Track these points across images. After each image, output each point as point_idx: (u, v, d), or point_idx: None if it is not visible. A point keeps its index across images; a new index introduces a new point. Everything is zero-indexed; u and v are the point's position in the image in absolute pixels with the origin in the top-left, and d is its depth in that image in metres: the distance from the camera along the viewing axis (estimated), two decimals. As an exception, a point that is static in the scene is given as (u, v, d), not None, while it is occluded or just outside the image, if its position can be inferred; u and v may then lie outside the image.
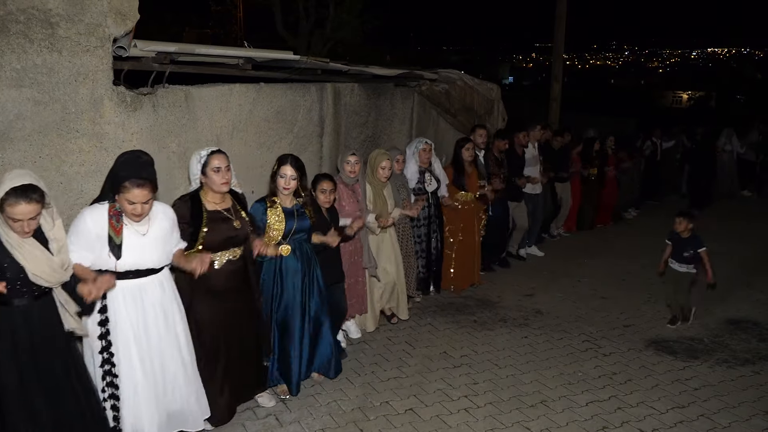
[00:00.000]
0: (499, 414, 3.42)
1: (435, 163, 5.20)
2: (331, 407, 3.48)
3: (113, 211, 2.55)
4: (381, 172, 4.36)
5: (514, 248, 6.53)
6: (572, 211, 7.56)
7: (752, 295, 5.56)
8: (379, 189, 4.41)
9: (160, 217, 2.69)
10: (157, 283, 2.72)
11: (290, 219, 3.35)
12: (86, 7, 2.93)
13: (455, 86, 6.08)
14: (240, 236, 3.02)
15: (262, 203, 3.35)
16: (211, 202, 2.98)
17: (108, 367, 2.61)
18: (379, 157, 4.37)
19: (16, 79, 2.77)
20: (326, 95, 4.65)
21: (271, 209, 3.33)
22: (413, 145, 5.05)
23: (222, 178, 2.92)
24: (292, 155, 3.37)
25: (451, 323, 4.77)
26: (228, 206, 3.03)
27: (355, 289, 4.26)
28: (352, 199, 4.16)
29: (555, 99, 9.63)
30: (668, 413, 3.46)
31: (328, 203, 3.74)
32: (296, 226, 3.37)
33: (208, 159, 2.90)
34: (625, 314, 5.04)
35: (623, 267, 6.36)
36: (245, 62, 3.86)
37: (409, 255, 4.86)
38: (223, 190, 2.97)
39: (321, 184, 3.72)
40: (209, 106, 3.68)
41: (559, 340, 4.48)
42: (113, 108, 3.13)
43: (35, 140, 2.87)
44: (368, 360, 4.09)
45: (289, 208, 3.38)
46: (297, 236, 3.40)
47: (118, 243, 2.53)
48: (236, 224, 3.00)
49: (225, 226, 2.96)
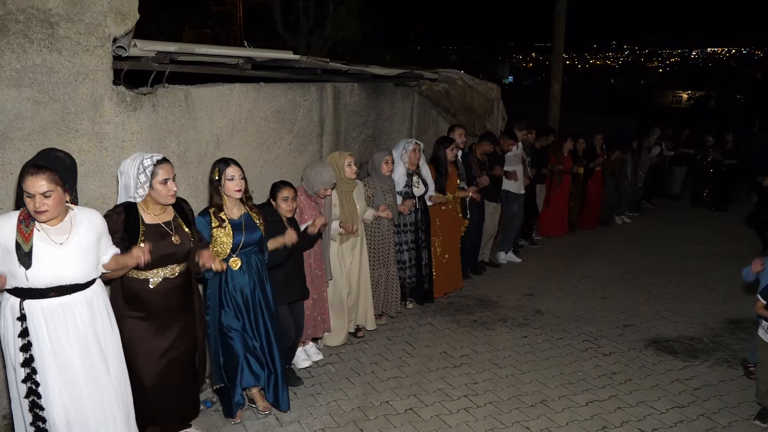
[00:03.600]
0: (499, 414, 3.42)
1: (423, 165, 4.97)
2: (331, 407, 3.48)
3: (23, 215, 2.32)
4: (348, 170, 4.08)
5: (486, 255, 6.27)
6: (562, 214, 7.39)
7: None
8: (346, 191, 4.13)
9: (85, 225, 2.41)
10: (84, 301, 2.42)
11: (238, 232, 3.09)
12: (86, 6, 2.92)
13: (455, 86, 6.08)
14: (179, 253, 2.77)
15: (205, 217, 3.06)
16: (150, 214, 2.74)
17: (33, 398, 2.34)
18: (342, 156, 4.12)
19: (15, 79, 2.77)
20: (326, 95, 4.65)
21: (215, 223, 3.05)
22: (401, 146, 4.80)
23: (170, 190, 2.71)
24: (229, 157, 3.17)
25: (451, 323, 4.77)
26: (169, 219, 2.79)
27: (318, 304, 4.00)
28: (314, 212, 3.87)
29: (555, 99, 9.62)
30: (668, 413, 3.46)
31: (291, 212, 3.48)
32: (245, 239, 3.10)
33: (154, 170, 2.68)
34: (625, 314, 5.04)
35: (623, 267, 6.36)
36: (245, 62, 3.85)
37: (389, 262, 4.60)
38: (170, 202, 2.76)
39: (282, 192, 3.47)
40: (209, 106, 3.68)
41: (559, 340, 4.48)
42: (113, 108, 3.12)
43: (35, 140, 2.87)
44: (368, 360, 4.09)
45: (237, 219, 3.12)
46: (246, 249, 3.14)
47: (26, 250, 2.26)
48: (175, 239, 2.75)
49: (163, 242, 2.71)
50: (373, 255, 4.51)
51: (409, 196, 4.74)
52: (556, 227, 7.50)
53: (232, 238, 3.06)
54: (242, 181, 3.09)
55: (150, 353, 2.79)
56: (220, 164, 3.09)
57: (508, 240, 6.50)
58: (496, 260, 6.37)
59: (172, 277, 2.78)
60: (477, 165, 5.62)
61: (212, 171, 3.11)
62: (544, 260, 6.59)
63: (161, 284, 2.75)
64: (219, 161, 3.12)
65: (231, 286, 3.13)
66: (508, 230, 6.44)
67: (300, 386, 3.69)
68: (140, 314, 2.75)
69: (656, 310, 5.11)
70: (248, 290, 3.17)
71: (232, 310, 3.15)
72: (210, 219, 3.05)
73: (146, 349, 2.78)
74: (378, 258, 4.55)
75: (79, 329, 2.41)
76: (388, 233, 4.59)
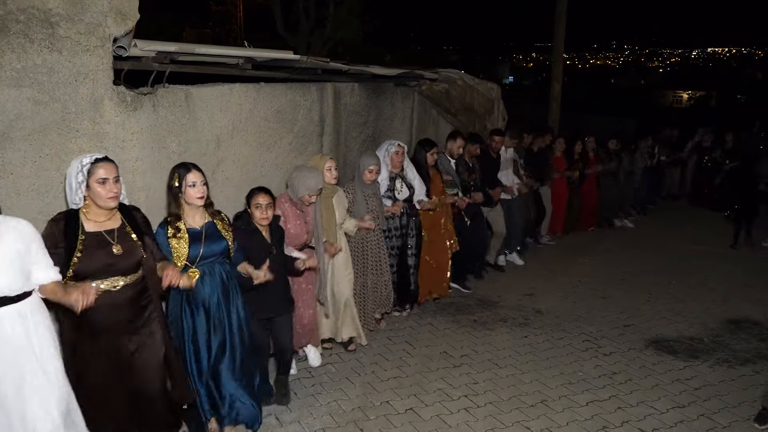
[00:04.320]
0: (499, 414, 3.42)
1: (408, 167, 4.68)
2: (331, 407, 3.48)
3: None
4: (328, 175, 3.82)
5: (492, 257, 6.10)
6: (557, 214, 7.28)
7: (752, 294, 5.56)
8: (325, 197, 3.84)
9: (11, 235, 2.23)
10: (16, 315, 2.24)
11: (196, 242, 2.81)
12: (86, 6, 2.93)
13: (455, 86, 6.08)
14: (121, 264, 2.50)
15: (163, 227, 2.81)
16: (92, 221, 2.48)
17: None
18: (322, 159, 3.88)
19: (16, 79, 2.77)
20: (326, 95, 4.65)
21: (171, 232, 2.78)
22: (383, 148, 4.52)
23: (109, 192, 2.44)
24: (189, 162, 2.90)
25: (451, 323, 4.77)
26: (114, 226, 2.54)
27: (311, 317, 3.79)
28: (299, 221, 3.60)
29: (555, 99, 9.63)
30: (668, 413, 3.46)
31: (266, 220, 3.21)
32: (204, 250, 2.82)
33: (91, 168, 2.42)
34: (626, 314, 5.04)
35: (623, 267, 6.36)
36: (245, 62, 3.86)
37: (382, 270, 4.35)
38: (110, 206, 2.49)
39: (255, 198, 3.20)
40: (209, 106, 3.68)
41: (560, 340, 4.48)
42: (113, 108, 3.12)
43: (35, 140, 2.87)
44: (368, 360, 4.09)
45: (198, 229, 2.84)
46: (208, 260, 2.87)
47: None
48: (116, 249, 2.49)
49: (101, 252, 2.45)
50: (365, 262, 4.29)
51: (391, 200, 4.50)
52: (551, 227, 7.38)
53: (189, 248, 2.79)
54: (204, 188, 2.82)
55: (102, 372, 2.53)
56: (180, 169, 2.81)
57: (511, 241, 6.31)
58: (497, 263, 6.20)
59: (115, 290, 2.50)
60: (465, 168, 5.39)
61: (171, 177, 2.82)
62: (545, 260, 6.59)
63: (102, 298, 2.44)
64: (178, 166, 2.85)
65: (192, 299, 2.85)
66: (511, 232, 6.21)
67: (298, 389, 3.67)
68: (87, 332, 2.49)
69: (656, 310, 5.11)
70: (212, 303, 2.88)
71: (190, 325, 2.87)
72: (167, 229, 2.79)
73: (98, 368, 2.52)
74: (364, 265, 4.31)
75: (13, 346, 2.22)
76: (380, 239, 4.35)
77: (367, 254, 4.32)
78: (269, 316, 3.35)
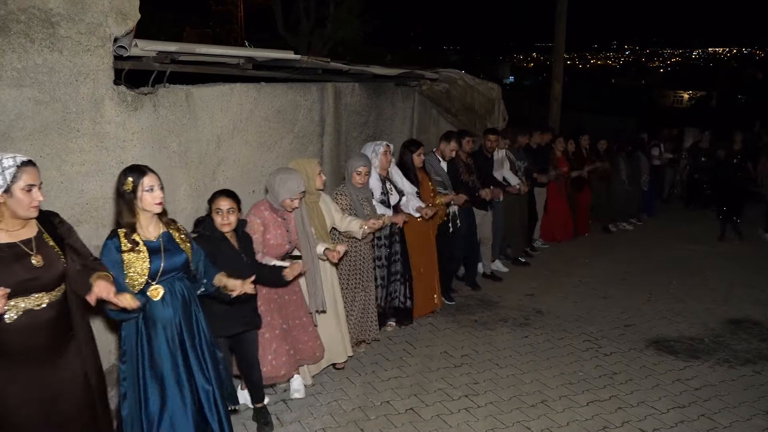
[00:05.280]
0: (499, 414, 3.42)
1: (393, 169, 4.44)
2: (331, 407, 3.48)
3: None
4: (319, 180, 3.57)
5: (488, 267, 5.86)
6: (555, 219, 7.09)
7: (753, 294, 5.55)
8: (313, 202, 3.59)
9: None
10: None
11: (156, 256, 2.44)
12: (87, 6, 2.93)
13: (456, 86, 6.08)
14: (44, 278, 2.18)
15: (113, 239, 2.40)
16: (4, 231, 2.16)
17: None
18: (311, 163, 3.57)
19: (17, 79, 2.77)
20: (327, 95, 4.65)
21: (127, 247, 2.39)
22: (370, 149, 4.24)
23: (33, 201, 2.16)
24: (142, 164, 2.52)
25: (452, 323, 4.77)
26: (30, 236, 2.20)
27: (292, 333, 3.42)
28: (280, 230, 3.29)
29: (556, 99, 9.63)
30: (669, 413, 3.46)
31: (227, 226, 2.92)
32: (165, 265, 2.45)
33: (17, 173, 2.11)
34: (626, 314, 5.03)
35: (624, 267, 6.36)
36: (246, 62, 3.86)
37: (367, 283, 4.04)
38: (32, 216, 2.19)
39: (215, 203, 2.92)
40: (210, 106, 3.68)
41: (560, 340, 4.48)
42: (114, 107, 3.13)
43: (36, 140, 2.87)
44: (369, 359, 4.09)
45: (155, 241, 2.47)
46: (168, 276, 2.50)
47: None
48: (36, 261, 2.16)
49: (19, 265, 2.12)
50: (348, 275, 3.97)
51: (385, 204, 4.21)
52: (560, 232, 7.21)
53: (150, 263, 2.41)
54: (162, 192, 2.46)
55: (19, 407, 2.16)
56: (133, 173, 2.42)
57: (494, 248, 6.04)
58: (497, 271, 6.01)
59: (38, 308, 2.17)
60: (464, 169, 5.19)
61: (121, 181, 2.42)
62: (545, 261, 6.59)
63: (22, 319, 2.12)
64: (131, 169, 2.45)
65: (151, 323, 2.45)
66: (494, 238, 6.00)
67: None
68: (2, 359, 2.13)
69: (657, 310, 5.11)
70: (173, 327, 2.49)
71: (146, 353, 2.45)
72: (119, 242, 2.39)
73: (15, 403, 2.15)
74: (355, 278, 3.99)
75: None
76: (366, 249, 4.02)
77: (357, 267, 4.00)
78: (232, 334, 3.02)
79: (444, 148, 5.06)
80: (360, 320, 4.05)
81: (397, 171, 4.50)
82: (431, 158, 5.03)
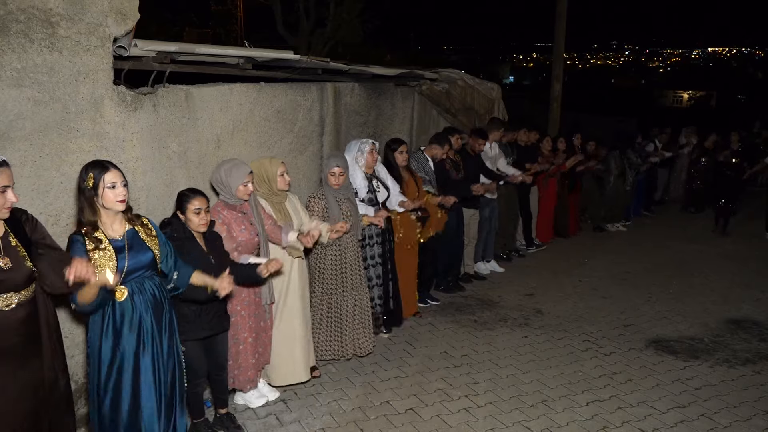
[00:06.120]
0: (499, 414, 3.42)
1: (379, 166, 4.38)
2: (331, 407, 3.48)
3: None
4: (281, 181, 3.48)
5: (470, 267, 5.79)
6: (546, 219, 7.03)
7: (753, 294, 5.56)
8: (278, 203, 3.54)
9: None
10: None
11: (121, 255, 2.35)
12: (87, 6, 2.93)
13: (456, 86, 6.08)
14: (13, 279, 2.16)
15: (78, 237, 2.32)
16: None
17: None
18: (273, 163, 3.48)
19: (16, 79, 2.77)
20: (327, 95, 4.65)
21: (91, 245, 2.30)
22: (354, 148, 4.17)
23: (6, 202, 2.12)
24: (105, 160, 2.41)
25: (452, 323, 4.77)
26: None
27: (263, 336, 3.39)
28: (243, 225, 3.20)
29: (555, 99, 9.65)
30: (669, 413, 3.46)
31: (204, 226, 2.89)
32: (130, 263, 2.37)
33: None
34: (626, 314, 5.04)
35: (623, 267, 6.36)
36: (245, 62, 3.85)
37: (359, 286, 3.93)
38: (4, 217, 2.18)
39: (192, 203, 2.86)
40: (209, 106, 3.68)
41: (560, 340, 4.48)
42: (113, 107, 3.12)
43: (35, 140, 2.87)
44: (369, 359, 4.09)
45: (119, 239, 2.38)
46: (136, 275, 2.40)
47: None
48: (4, 262, 2.14)
49: None
50: (338, 279, 3.87)
51: (372, 203, 4.16)
52: (544, 233, 7.12)
53: (116, 263, 2.33)
54: (125, 189, 2.37)
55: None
56: (94, 169, 2.32)
57: (489, 248, 6.05)
58: (479, 272, 5.93)
59: (7, 309, 2.16)
60: (452, 167, 5.16)
61: (82, 177, 2.33)
62: (545, 261, 6.59)
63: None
64: (92, 164, 2.35)
65: (118, 324, 2.37)
66: (488, 237, 5.98)
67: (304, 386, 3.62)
68: None
69: (657, 310, 5.11)
70: (144, 327, 2.41)
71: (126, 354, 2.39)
72: (83, 239, 2.31)
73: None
74: (345, 282, 3.87)
75: None
76: (354, 248, 3.91)
77: (346, 269, 3.88)
78: (202, 336, 2.97)
79: (436, 151, 5.05)
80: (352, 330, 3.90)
81: (383, 169, 4.48)
82: (420, 156, 5.02)
